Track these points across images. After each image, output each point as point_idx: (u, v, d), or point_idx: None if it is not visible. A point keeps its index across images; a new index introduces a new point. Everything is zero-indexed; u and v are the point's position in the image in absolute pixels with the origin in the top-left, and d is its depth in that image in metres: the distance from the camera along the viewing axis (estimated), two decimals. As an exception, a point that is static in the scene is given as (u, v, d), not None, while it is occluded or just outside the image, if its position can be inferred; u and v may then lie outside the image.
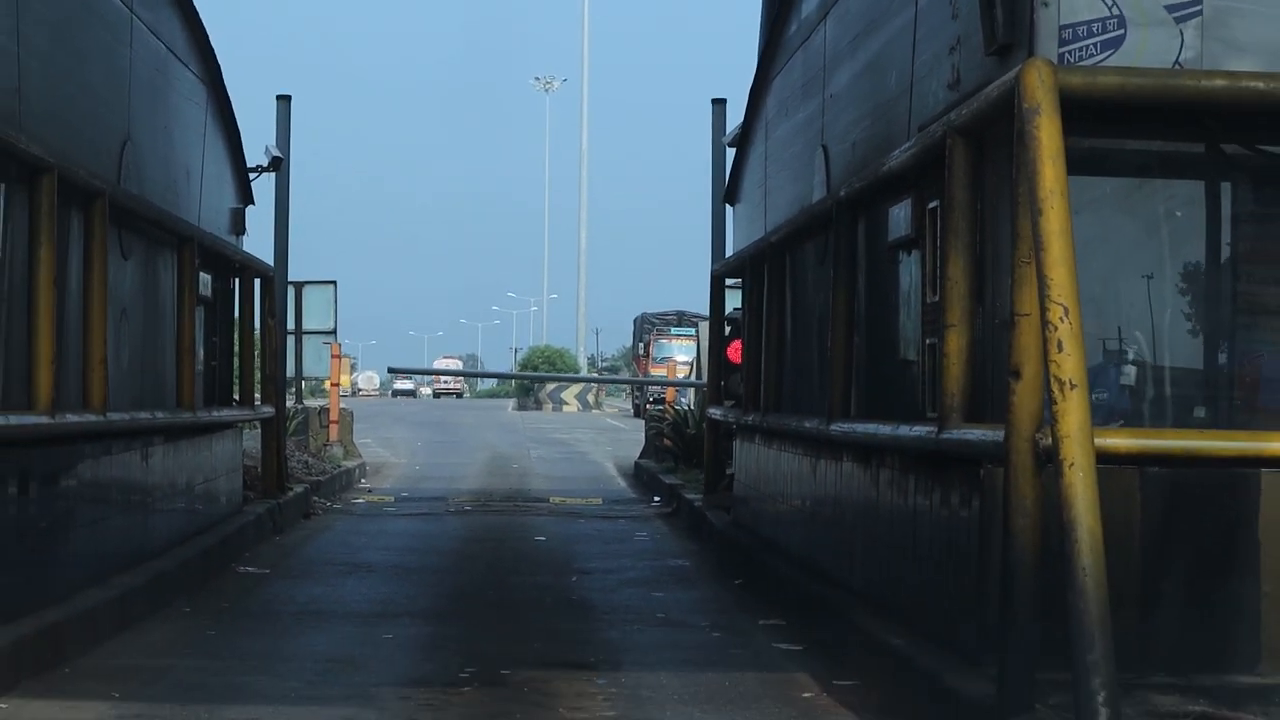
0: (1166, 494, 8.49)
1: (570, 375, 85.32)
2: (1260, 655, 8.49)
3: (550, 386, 79.45)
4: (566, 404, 78.06)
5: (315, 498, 22.13)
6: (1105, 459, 7.45)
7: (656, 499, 24.06)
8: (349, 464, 28.11)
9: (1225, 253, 9.34)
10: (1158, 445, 7.61)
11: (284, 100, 22.94)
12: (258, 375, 19.64)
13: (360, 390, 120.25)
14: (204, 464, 15.69)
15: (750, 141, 17.68)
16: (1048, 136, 7.28)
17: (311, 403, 33.01)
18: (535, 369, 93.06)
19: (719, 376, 19.51)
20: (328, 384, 32.15)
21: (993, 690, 7.72)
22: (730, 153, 20.60)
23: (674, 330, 69.19)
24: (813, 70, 13.95)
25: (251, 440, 20.22)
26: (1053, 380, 6.95)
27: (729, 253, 19.86)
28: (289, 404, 25.27)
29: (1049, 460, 7.10)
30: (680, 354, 60.81)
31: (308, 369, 30.65)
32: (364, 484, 27.37)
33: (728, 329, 19.84)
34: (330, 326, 30.66)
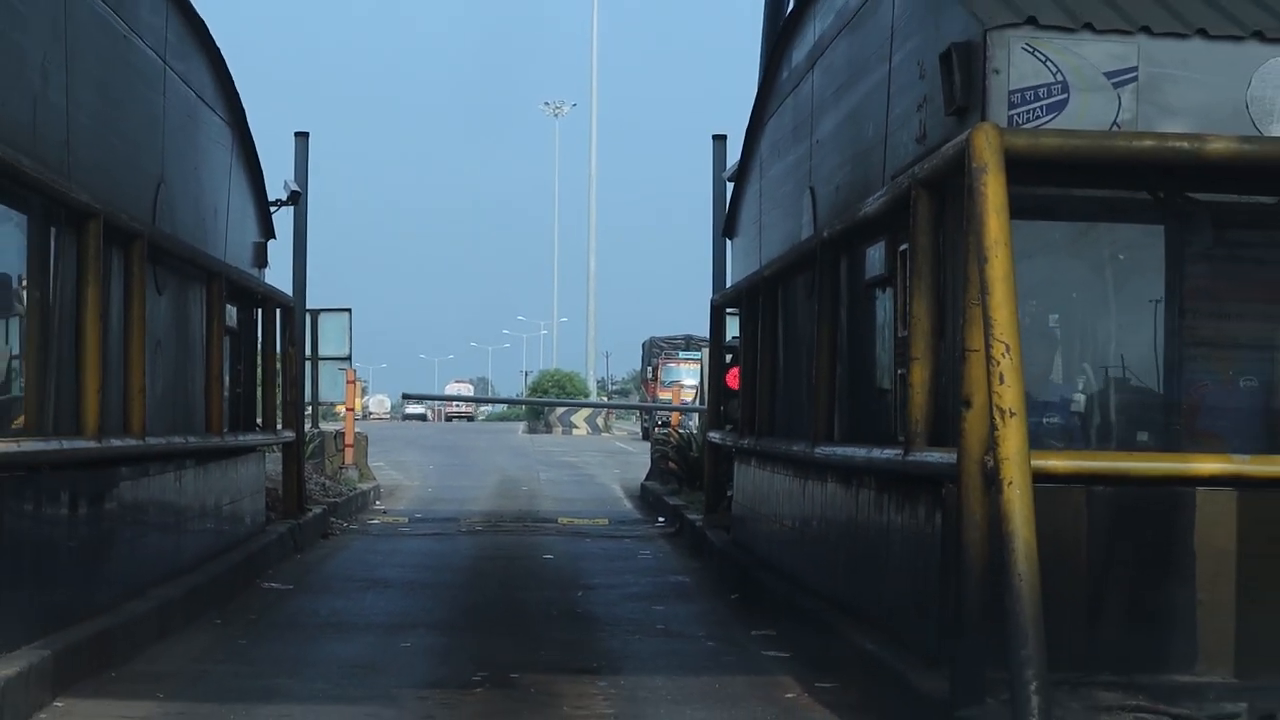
0: (1111, 511, 9.39)
1: (579, 401, 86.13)
2: (1196, 656, 9.39)
3: (560, 410, 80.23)
4: (576, 427, 78.81)
5: (333, 518, 23.07)
6: (1044, 478, 8.43)
7: (661, 519, 24.94)
8: (364, 486, 29.02)
9: (1171, 291, 10.28)
10: (1091, 466, 8.57)
11: (302, 137, 23.91)
12: (277, 400, 20.54)
13: (371, 414, 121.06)
14: (230, 485, 16.63)
15: (746, 179, 18.63)
16: (993, 193, 8.22)
17: (326, 426, 33.92)
18: (545, 392, 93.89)
19: (719, 402, 20.45)
20: (339, 408, 33.02)
21: (948, 686, 8.64)
22: (730, 187, 21.52)
23: (682, 354, 70.01)
24: (802, 116, 14.90)
25: (272, 463, 21.13)
26: (995, 409, 7.89)
27: (729, 283, 20.79)
28: (305, 428, 26.16)
29: (994, 480, 8.02)
30: (687, 378, 61.75)
31: (324, 394, 31.53)
32: (379, 505, 28.28)
33: (728, 357, 20.75)
34: (345, 352, 31.53)
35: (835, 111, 13.36)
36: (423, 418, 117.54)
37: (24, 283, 11.01)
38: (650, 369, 74.87)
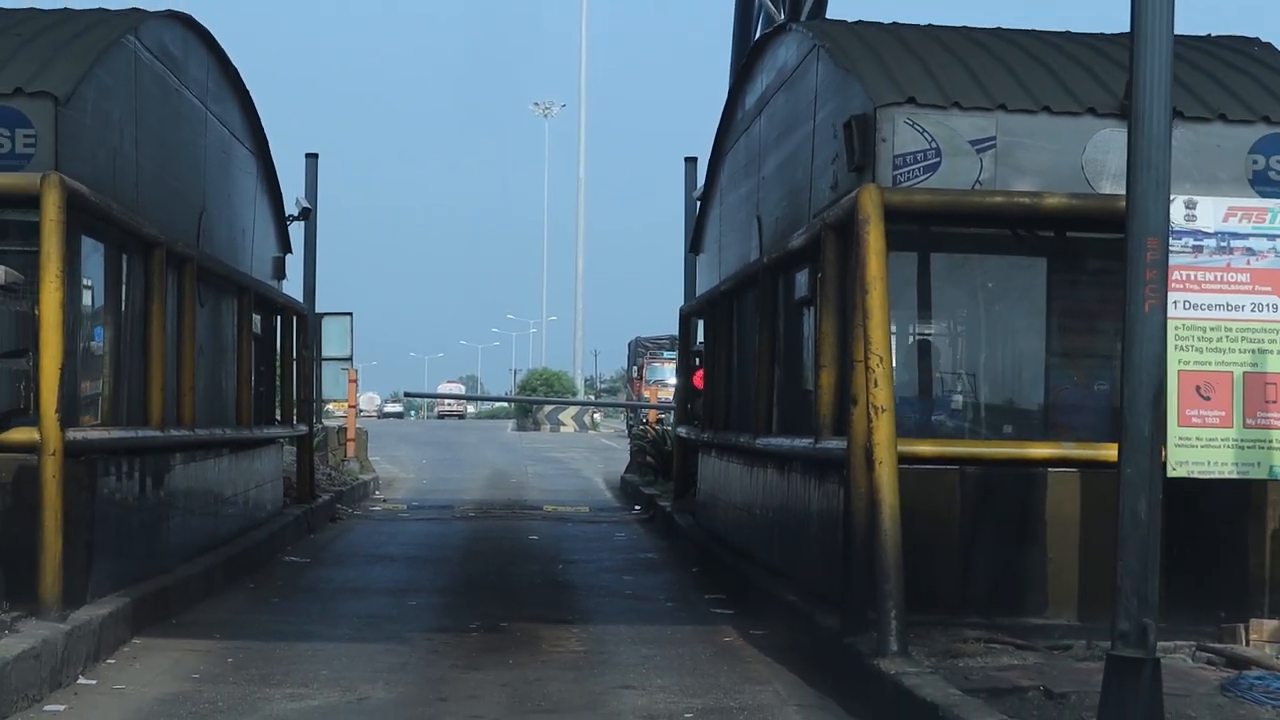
0: (980, 487, 11.80)
1: (566, 399, 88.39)
2: (1046, 603, 11.80)
3: (548, 408, 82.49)
4: (564, 425, 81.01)
5: (339, 505, 25.50)
6: (916, 460, 10.90)
7: (637, 507, 27.39)
8: (365, 477, 31.44)
9: (1041, 311, 12.72)
10: (951, 450, 11.05)
11: (312, 158, 26.34)
12: (293, 397, 22.92)
13: (362, 411, 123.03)
14: (256, 472, 19.07)
15: (709, 203, 21.06)
16: (874, 239, 10.67)
17: (328, 422, 36.28)
18: (534, 390, 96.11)
19: (686, 400, 22.91)
20: (332, 405, 35.34)
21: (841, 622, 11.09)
22: (699, 206, 23.92)
23: (666, 354, 71.99)
24: (752, 154, 17.33)
25: (285, 455, 23.52)
26: (870, 406, 10.34)
27: (697, 294, 23.21)
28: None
29: (870, 461, 10.46)
30: (671, 377, 63.78)
31: (326, 392, 33.86)
32: (379, 495, 30.67)
33: (697, 360, 23.18)
34: (347, 353, 33.80)
35: (776, 154, 15.79)
36: (400, 415, 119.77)
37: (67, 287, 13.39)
38: (635, 368, 76.98)
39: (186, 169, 15.98)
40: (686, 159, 26.31)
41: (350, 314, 34.11)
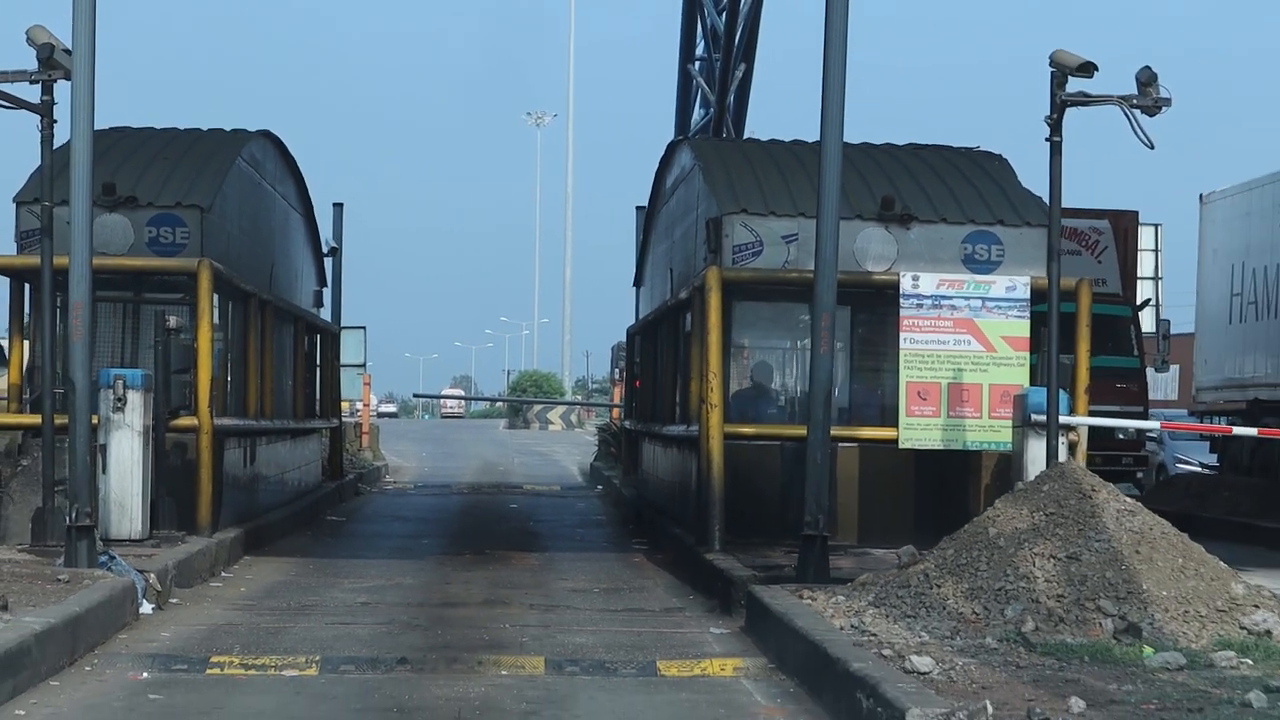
0: (794, 455, 18.31)
1: (553, 399, 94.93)
2: (837, 530, 18.31)
3: (537, 408, 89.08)
4: (552, 424, 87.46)
5: (360, 484, 32.15)
6: (740, 438, 17.54)
7: (599, 486, 34.05)
8: (378, 464, 38.11)
9: (848, 340, 19.32)
10: (764, 431, 17.74)
11: (338, 206, 32.89)
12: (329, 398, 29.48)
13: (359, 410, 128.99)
14: (305, 454, 25.70)
15: (646, 249, 27.70)
16: (714, 301, 17.31)
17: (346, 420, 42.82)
18: (524, 391, 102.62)
19: (631, 399, 29.58)
20: (345, 405, 41.88)
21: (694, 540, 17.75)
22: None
23: (644, 358, 78.47)
24: (668, 222, 23.96)
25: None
26: (708, 404, 16.98)
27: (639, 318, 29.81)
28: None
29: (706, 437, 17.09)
30: (646, 379, 70.43)
31: (345, 394, 40.41)
32: (389, 478, 37.34)
33: (637, 369, 29.79)
34: (361, 361, 40.39)
35: (681, 226, 22.41)
36: (394, 415, 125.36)
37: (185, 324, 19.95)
38: (618, 370, 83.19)
39: (264, 237, 22.61)
40: (638, 207, 32.70)
41: (364, 328, 40.62)
